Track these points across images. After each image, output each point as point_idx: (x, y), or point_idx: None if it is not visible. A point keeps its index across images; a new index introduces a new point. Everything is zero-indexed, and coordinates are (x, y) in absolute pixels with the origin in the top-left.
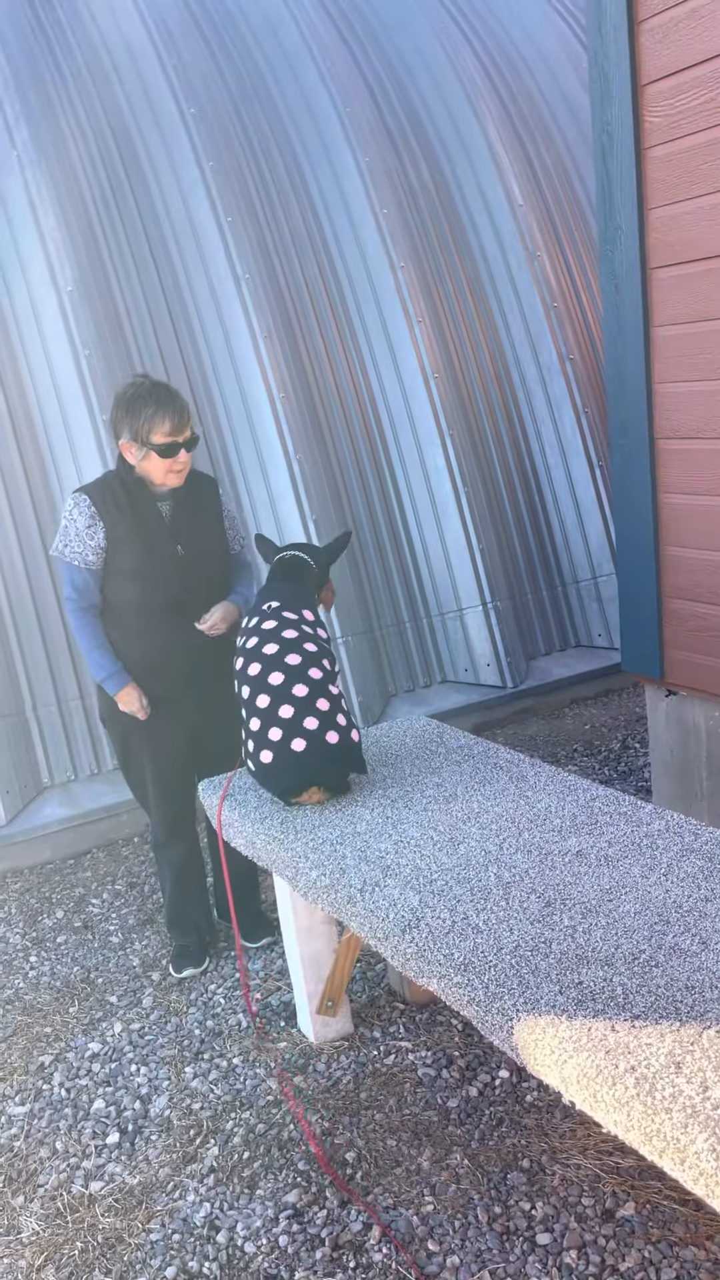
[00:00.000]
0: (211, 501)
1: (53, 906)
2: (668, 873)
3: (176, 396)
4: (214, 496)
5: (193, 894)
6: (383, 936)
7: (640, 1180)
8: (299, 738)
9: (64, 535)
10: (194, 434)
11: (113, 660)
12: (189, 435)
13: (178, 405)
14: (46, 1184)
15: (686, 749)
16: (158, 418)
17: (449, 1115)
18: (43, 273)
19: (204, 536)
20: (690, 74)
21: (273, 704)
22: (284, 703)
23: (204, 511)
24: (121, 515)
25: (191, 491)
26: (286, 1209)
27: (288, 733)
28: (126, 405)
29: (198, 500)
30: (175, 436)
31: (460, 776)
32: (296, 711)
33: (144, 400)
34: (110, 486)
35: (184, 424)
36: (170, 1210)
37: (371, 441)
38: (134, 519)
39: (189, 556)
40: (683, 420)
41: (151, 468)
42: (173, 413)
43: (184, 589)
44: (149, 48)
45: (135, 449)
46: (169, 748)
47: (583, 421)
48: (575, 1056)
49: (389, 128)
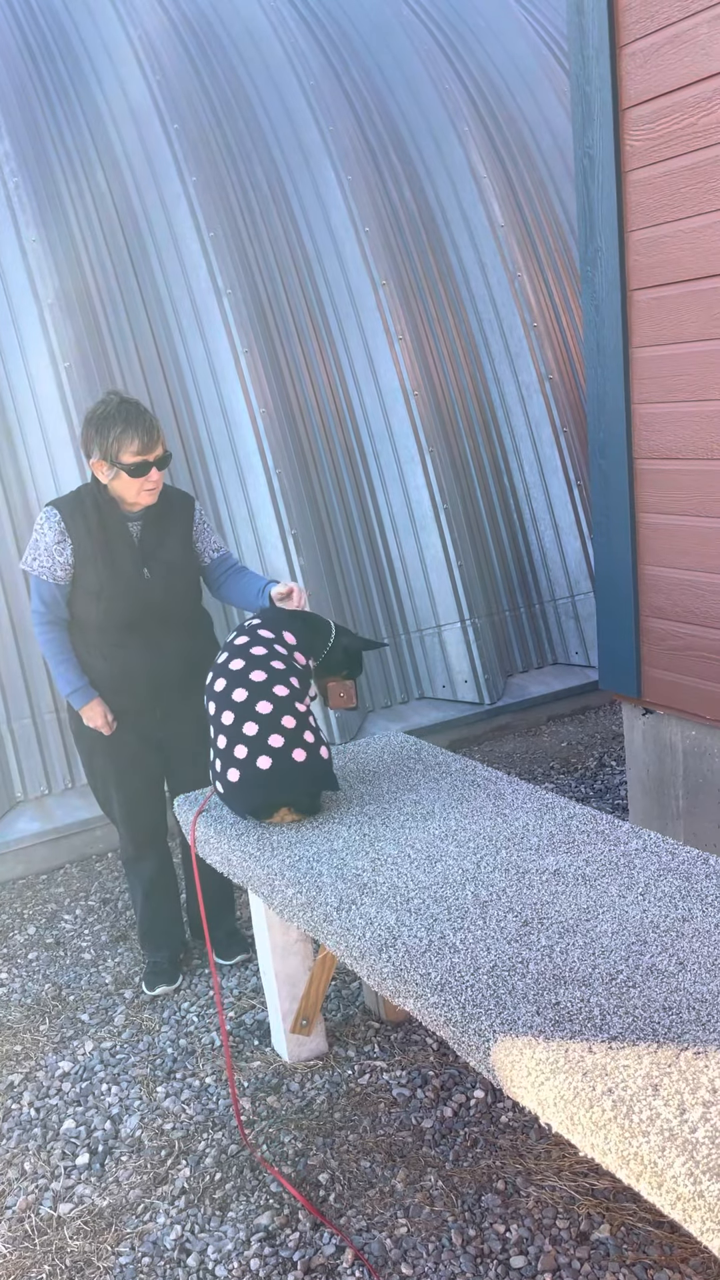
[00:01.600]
0: (184, 520)
1: (24, 922)
2: (645, 892)
3: (145, 414)
4: (187, 515)
5: (164, 910)
6: (359, 955)
7: (615, 1202)
8: (264, 755)
9: (34, 549)
10: (165, 452)
11: (79, 675)
12: (160, 453)
13: (146, 423)
14: (14, 1206)
15: (663, 767)
16: (126, 436)
17: (423, 1136)
18: (23, 285)
19: (173, 558)
20: (671, 99)
21: (237, 720)
22: (248, 719)
23: (175, 531)
24: (90, 534)
25: (164, 511)
26: (258, 1231)
27: (252, 750)
28: (96, 424)
29: (170, 520)
30: (145, 455)
31: (438, 794)
32: (261, 729)
33: (113, 419)
34: (82, 503)
35: (154, 442)
36: (140, 1233)
37: (351, 458)
38: (103, 539)
39: (154, 579)
40: (661, 441)
41: (122, 487)
42: (141, 431)
43: (146, 611)
44: (133, 62)
45: (106, 468)
46: (134, 761)
47: (561, 441)
48: (552, 1078)
49: (371, 146)
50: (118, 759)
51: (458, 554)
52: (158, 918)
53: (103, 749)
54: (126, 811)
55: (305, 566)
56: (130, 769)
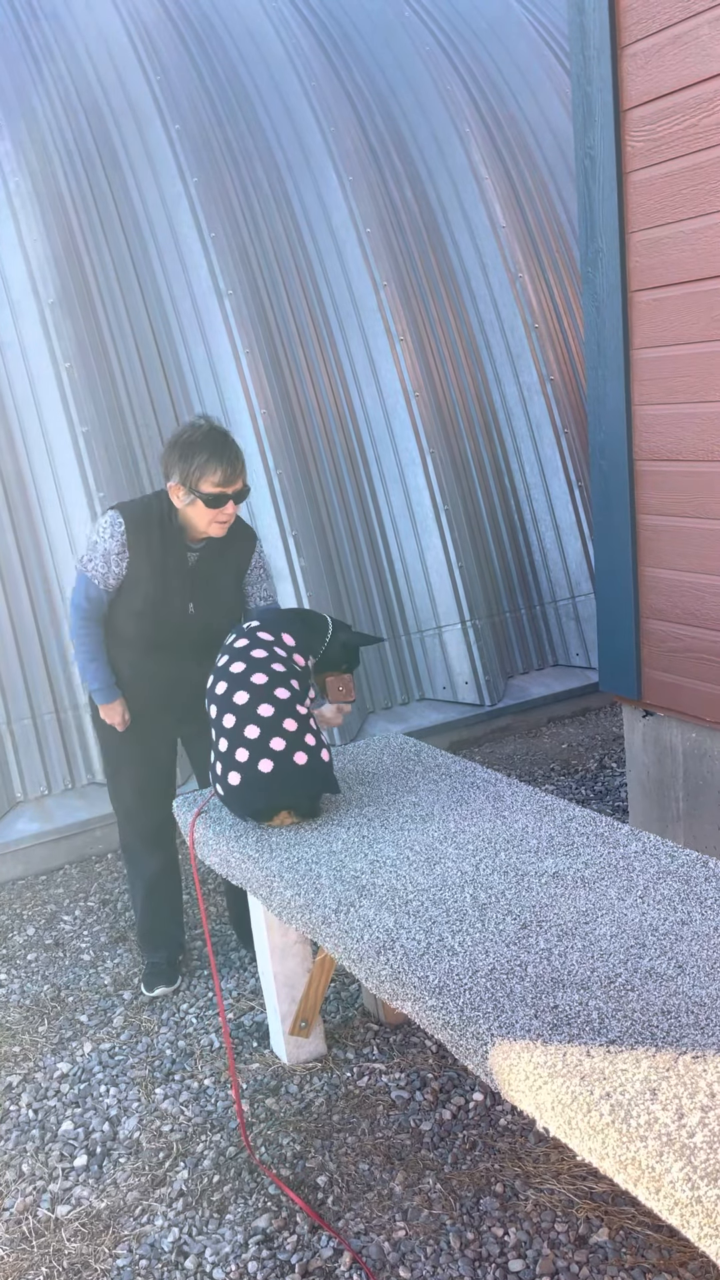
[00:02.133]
0: (242, 558)
1: (23, 923)
2: (644, 895)
3: (232, 446)
4: (247, 553)
5: (164, 909)
6: (357, 958)
7: (614, 1206)
8: (265, 758)
9: (92, 551)
10: (245, 486)
11: (108, 673)
12: (239, 487)
13: (232, 455)
14: (12, 1207)
15: (663, 769)
16: (210, 466)
17: (422, 1139)
18: (24, 285)
19: (221, 596)
20: (672, 99)
21: (238, 724)
22: (249, 723)
23: (230, 569)
24: (149, 553)
25: (225, 546)
26: (256, 1234)
27: (254, 754)
28: (181, 449)
29: (229, 556)
30: (225, 488)
31: (437, 795)
32: (263, 732)
33: (199, 446)
34: (149, 517)
35: (236, 475)
36: (138, 1235)
37: (352, 458)
38: (161, 562)
39: (198, 616)
40: (662, 442)
41: (196, 515)
42: (225, 463)
43: (179, 636)
44: (134, 62)
45: (183, 494)
46: (150, 757)
47: (562, 442)
48: (550, 1082)
49: (373, 147)
50: (135, 753)
51: (458, 555)
52: (157, 917)
53: (122, 741)
54: (141, 803)
55: (306, 567)
56: (145, 764)
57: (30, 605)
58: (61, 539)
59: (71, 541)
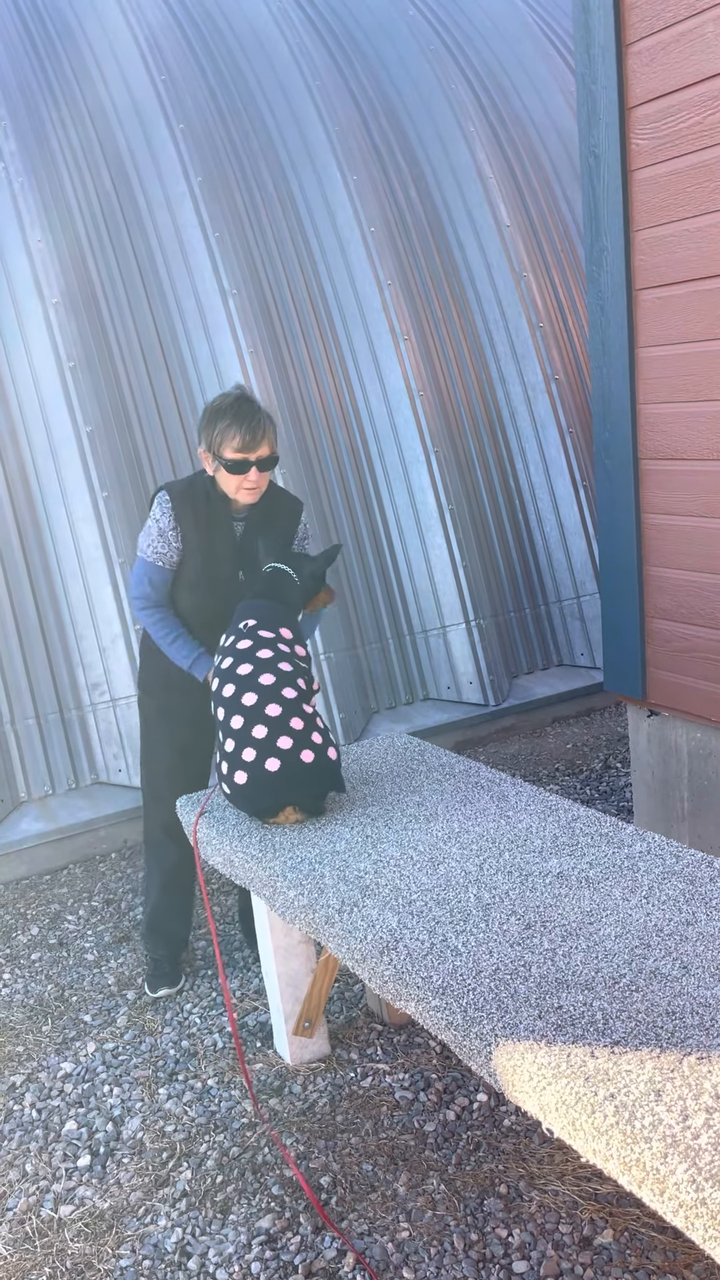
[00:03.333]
0: (288, 527)
1: (27, 923)
2: (649, 895)
3: (257, 413)
4: (293, 522)
5: (176, 903)
6: (360, 958)
7: (619, 1207)
8: (273, 757)
9: (148, 534)
10: (271, 454)
11: (194, 645)
12: (263, 454)
13: (253, 422)
14: (15, 1207)
15: (668, 769)
16: (230, 431)
17: (426, 1139)
18: (29, 284)
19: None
20: (677, 97)
21: (246, 724)
22: (258, 723)
23: (277, 538)
24: (197, 525)
25: (270, 513)
26: (260, 1235)
27: (262, 752)
28: (209, 415)
29: (274, 524)
30: (246, 453)
31: (441, 795)
32: (270, 731)
33: (223, 413)
34: (195, 491)
35: (257, 441)
36: (141, 1235)
37: (356, 457)
38: (208, 533)
39: (247, 583)
40: (666, 441)
41: (224, 481)
42: (245, 429)
43: (232, 606)
44: (139, 62)
45: (210, 460)
46: (183, 737)
47: (567, 441)
48: (554, 1083)
49: (377, 146)
50: (172, 734)
51: (463, 554)
52: (168, 911)
53: (168, 714)
54: (165, 789)
55: None
56: (180, 748)
57: (34, 605)
58: (66, 538)
59: (76, 541)
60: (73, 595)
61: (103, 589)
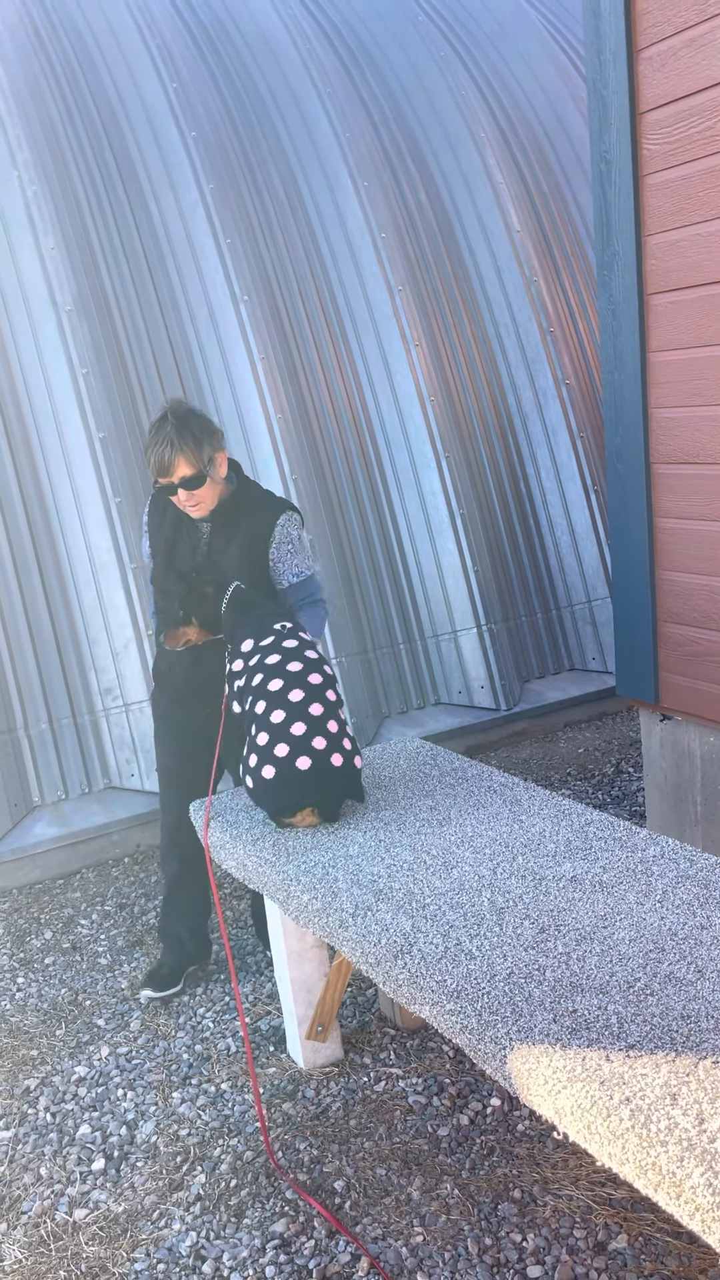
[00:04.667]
0: (257, 533)
1: (41, 927)
2: (663, 899)
3: (166, 439)
4: (264, 529)
5: (180, 911)
6: (374, 962)
7: (633, 1212)
8: (305, 756)
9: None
10: (197, 473)
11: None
12: (188, 473)
13: (163, 448)
14: (30, 1211)
15: (681, 774)
16: (148, 456)
17: (439, 1144)
18: (41, 291)
19: (231, 568)
20: (688, 102)
21: (287, 719)
22: (298, 720)
23: (241, 541)
24: (163, 527)
25: (236, 519)
26: (274, 1239)
27: (295, 750)
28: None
29: (239, 529)
30: (164, 478)
31: (454, 800)
32: (309, 729)
33: (147, 438)
34: (166, 497)
35: (167, 468)
36: (155, 1239)
37: (367, 463)
38: (172, 535)
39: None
40: (679, 445)
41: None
42: (156, 456)
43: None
44: (150, 71)
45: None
46: (182, 747)
47: (578, 446)
48: (569, 1087)
49: (388, 153)
50: (166, 739)
51: (474, 559)
52: (169, 918)
53: (167, 719)
54: (167, 797)
55: (321, 571)
56: (174, 754)
57: (48, 611)
58: (79, 544)
59: (89, 546)
60: (85, 601)
61: (115, 594)
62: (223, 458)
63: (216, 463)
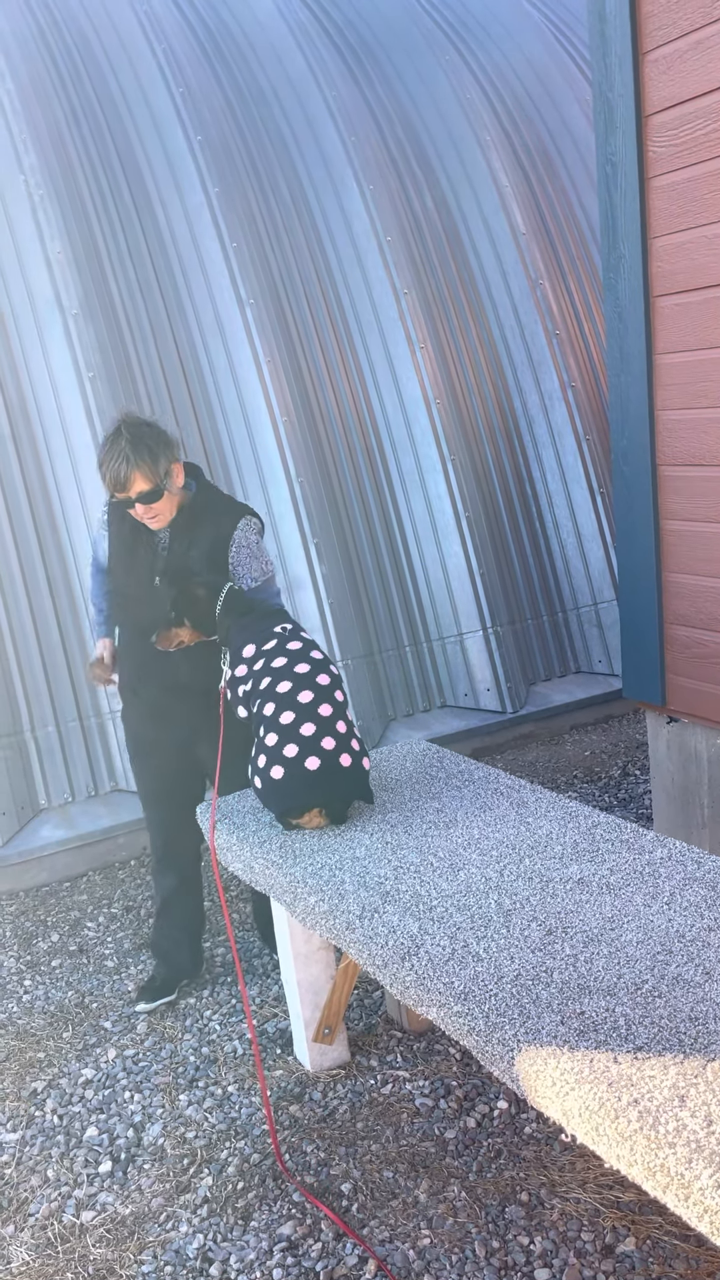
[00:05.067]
0: (216, 537)
1: (48, 930)
2: (670, 901)
3: (116, 457)
4: (223, 534)
5: (172, 927)
6: (381, 964)
7: (641, 1215)
8: (314, 756)
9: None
10: (154, 487)
11: (99, 612)
12: (144, 489)
13: (113, 467)
14: (37, 1213)
15: (688, 776)
16: (101, 473)
17: (446, 1146)
18: (48, 295)
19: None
20: (694, 105)
21: (296, 720)
22: (307, 720)
23: (201, 545)
24: (122, 530)
25: (195, 523)
26: (281, 1241)
27: (304, 750)
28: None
29: (199, 533)
30: (118, 493)
31: (460, 802)
32: (318, 730)
33: (104, 450)
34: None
35: (122, 484)
36: (162, 1241)
37: (373, 465)
38: (132, 539)
39: (164, 590)
40: (685, 447)
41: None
42: (110, 474)
43: (155, 620)
44: (156, 74)
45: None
46: (162, 768)
47: (584, 448)
48: (577, 1089)
49: (393, 156)
50: (145, 760)
51: (480, 561)
52: (162, 933)
53: (136, 742)
54: (150, 818)
55: (327, 574)
56: (154, 772)
57: (54, 614)
58: (85, 548)
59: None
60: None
61: None
62: (179, 468)
63: (173, 474)
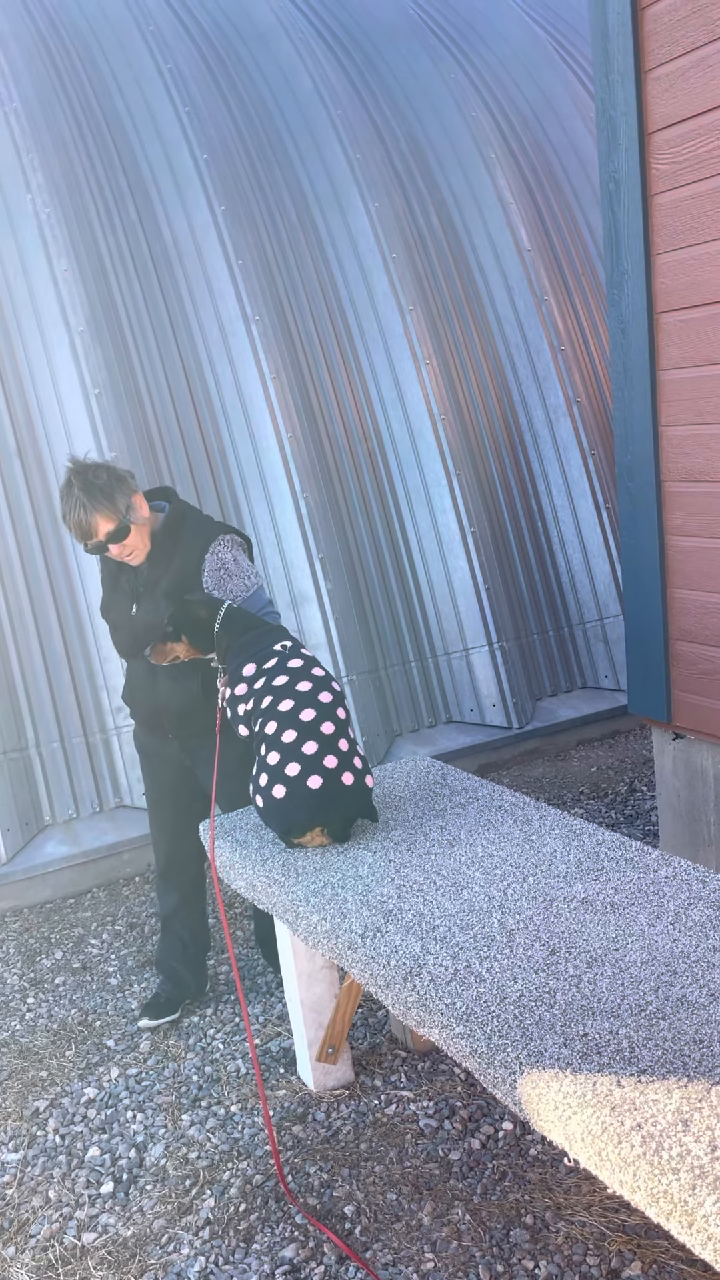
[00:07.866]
0: (189, 566)
1: (51, 947)
2: (675, 921)
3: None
4: (195, 560)
5: (174, 945)
6: (384, 984)
7: (647, 1239)
8: (316, 775)
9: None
10: (118, 526)
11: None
12: (108, 530)
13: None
14: (38, 1234)
15: (694, 793)
16: (68, 525)
17: (450, 1168)
18: (55, 313)
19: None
20: (697, 122)
21: (298, 739)
22: (310, 739)
23: (175, 574)
24: (109, 564)
25: (169, 548)
26: (283, 1264)
27: (306, 769)
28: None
29: (174, 557)
30: (89, 540)
31: (464, 819)
32: (320, 748)
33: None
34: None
35: (86, 532)
36: (164, 1264)
37: (378, 481)
38: (116, 571)
39: (139, 617)
40: (689, 463)
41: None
42: (75, 522)
43: (134, 642)
44: (163, 93)
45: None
46: (160, 789)
47: (589, 464)
48: (580, 1112)
49: (398, 174)
50: (150, 771)
51: (485, 577)
52: (167, 950)
53: (144, 754)
54: (154, 831)
55: (332, 590)
56: (156, 784)
57: (60, 632)
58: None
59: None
60: (96, 620)
61: None
62: (139, 500)
63: (135, 506)
